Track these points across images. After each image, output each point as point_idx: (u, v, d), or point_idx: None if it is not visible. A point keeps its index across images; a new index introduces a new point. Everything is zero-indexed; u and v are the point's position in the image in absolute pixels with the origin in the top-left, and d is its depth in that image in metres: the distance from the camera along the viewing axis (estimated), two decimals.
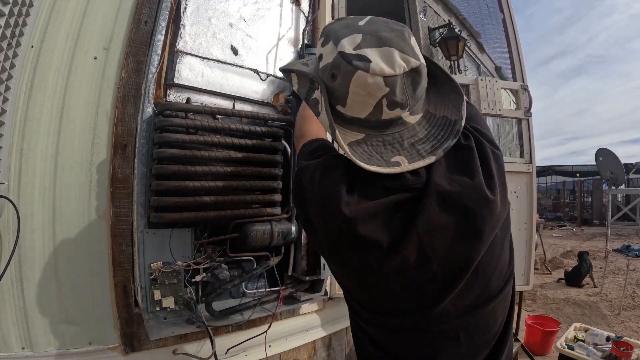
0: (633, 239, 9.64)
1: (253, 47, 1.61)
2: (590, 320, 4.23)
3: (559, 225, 14.15)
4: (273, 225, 1.48)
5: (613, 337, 2.90)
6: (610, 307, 4.69)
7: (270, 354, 1.66)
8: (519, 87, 2.70)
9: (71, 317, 1.22)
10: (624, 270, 5.40)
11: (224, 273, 1.37)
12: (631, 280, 5.55)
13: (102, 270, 1.27)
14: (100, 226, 1.27)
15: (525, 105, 2.65)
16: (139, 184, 1.29)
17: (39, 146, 1.18)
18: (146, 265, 1.28)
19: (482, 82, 2.48)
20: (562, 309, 4.67)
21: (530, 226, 2.72)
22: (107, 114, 1.29)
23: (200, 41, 1.44)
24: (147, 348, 1.32)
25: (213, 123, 1.35)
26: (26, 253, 1.15)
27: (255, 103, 1.62)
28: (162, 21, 1.33)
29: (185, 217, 1.29)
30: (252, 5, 1.61)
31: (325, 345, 2.02)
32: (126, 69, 1.30)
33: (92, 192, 1.26)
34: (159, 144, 1.27)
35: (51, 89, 1.20)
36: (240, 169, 1.42)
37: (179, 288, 1.32)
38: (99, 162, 1.27)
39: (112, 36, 1.30)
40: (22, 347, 1.14)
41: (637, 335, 3.78)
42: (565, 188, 18.40)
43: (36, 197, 1.18)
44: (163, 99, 1.36)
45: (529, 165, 2.72)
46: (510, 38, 2.95)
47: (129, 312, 1.29)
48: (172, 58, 1.37)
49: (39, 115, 1.18)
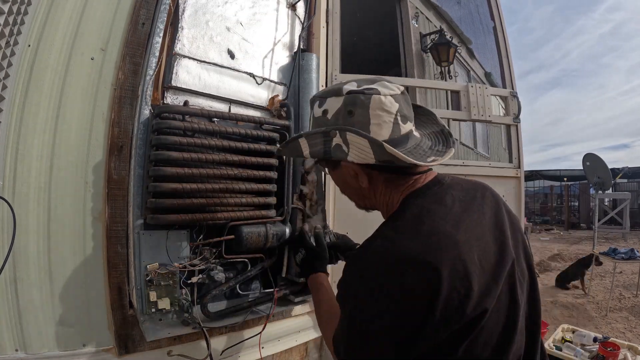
0: (619, 242, 9.83)
1: (249, 51, 1.62)
2: (577, 321, 4.30)
3: (547, 228, 14.36)
4: (268, 227, 1.49)
5: (600, 338, 2.96)
6: (597, 309, 4.77)
7: (263, 355, 1.67)
8: (508, 93, 2.75)
9: (65, 319, 1.21)
10: (610, 273, 5.51)
11: (219, 275, 1.38)
12: (618, 283, 5.66)
13: (96, 271, 1.27)
14: (95, 227, 1.27)
15: (515, 112, 2.70)
16: (136, 186, 1.29)
17: (35, 146, 1.17)
18: (142, 267, 1.28)
19: (473, 89, 2.53)
20: (550, 311, 4.74)
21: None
22: (103, 114, 1.29)
23: (198, 44, 1.45)
24: (142, 350, 1.32)
25: (210, 126, 1.36)
26: (20, 254, 1.14)
27: (251, 106, 1.63)
28: (160, 23, 1.34)
29: (182, 218, 1.30)
30: (248, 10, 1.63)
31: (317, 347, 2.03)
32: (123, 70, 1.30)
33: (88, 193, 1.26)
34: (157, 146, 1.27)
35: (47, 89, 1.19)
36: (236, 172, 1.43)
37: (175, 289, 1.32)
38: (94, 163, 1.27)
39: (110, 37, 1.30)
40: (15, 349, 1.13)
41: (624, 336, 3.86)
42: (553, 192, 18.68)
43: (31, 197, 1.17)
44: (160, 101, 1.37)
45: (517, 170, 2.77)
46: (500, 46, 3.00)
47: (123, 314, 1.29)
48: (169, 61, 1.37)
49: (35, 114, 1.17)
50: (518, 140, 2.77)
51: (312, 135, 0.90)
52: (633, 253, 4.75)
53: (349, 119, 0.84)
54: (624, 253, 4.79)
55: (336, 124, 0.86)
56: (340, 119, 0.85)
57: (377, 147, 0.80)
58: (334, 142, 0.86)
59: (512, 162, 2.78)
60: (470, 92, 2.51)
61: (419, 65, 3.96)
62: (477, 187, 0.94)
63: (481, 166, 2.77)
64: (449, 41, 4.15)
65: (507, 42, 2.99)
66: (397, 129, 0.84)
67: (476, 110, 2.50)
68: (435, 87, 3.53)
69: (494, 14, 3.05)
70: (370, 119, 0.82)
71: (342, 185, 1.01)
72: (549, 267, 7.25)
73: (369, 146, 0.81)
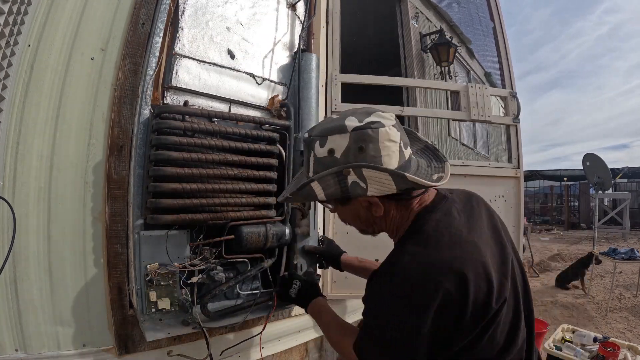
0: (619, 242, 9.82)
1: (249, 51, 1.62)
2: (577, 321, 4.30)
3: (547, 228, 14.35)
4: (267, 227, 1.49)
5: (600, 338, 2.95)
6: (597, 309, 4.77)
7: (263, 355, 1.67)
8: (507, 94, 2.76)
9: (65, 319, 1.22)
10: (610, 273, 5.51)
11: (219, 274, 1.38)
12: (618, 283, 5.66)
13: (96, 271, 1.27)
14: (95, 227, 1.27)
15: (514, 112, 2.71)
16: (136, 186, 1.29)
17: (35, 146, 1.18)
18: (142, 267, 1.28)
19: (472, 89, 2.54)
20: (550, 311, 4.74)
21: (518, 229, 2.77)
22: (103, 114, 1.29)
23: (198, 44, 1.45)
24: (142, 350, 1.32)
25: (210, 126, 1.36)
26: (20, 254, 1.15)
27: (251, 106, 1.63)
28: (160, 23, 1.34)
29: (182, 218, 1.30)
30: (248, 10, 1.63)
31: (317, 347, 2.03)
32: (123, 70, 1.30)
33: (88, 193, 1.26)
34: (157, 146, 1.27)
35: (47, 89, 1.20)
36: (236, 172, 1.43)
37: (175, 289, 1.32)
38: (94, 163, 1.27)
39: (110, 37, 1.31)
40: (15, 349, 1.14)
41: (624, 336, 3.86)
42: (553, 192, 18.67)
43: (31, 198, 1.17)
44: (160, 101, 1.37)
45: (517, 170, 2.78)
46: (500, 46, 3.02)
47: (123, 314, 1.29)
48: (169, 61, 1.37)
49: (35, 114, 1.18)
50: (517, 141, 2.78)
51: (325, 178, 0.89)
52: (633, 253, 4.75)
53: (360, 155, 0.86)
54: (624, 253, 4.79)
55: (347, 161, 0.87)
56: (351, 156, 0.86)
57: (398, 178, 0.85)
58: (350, 180, 0.87)
59: (512, 162, 2.78)
60: (470, 92, 2.52)
61: (419, 65, 3.95)
62: (470, 197, 1.04)
63: (480, 166, 2.77)
64: (449, 41, 4.15)
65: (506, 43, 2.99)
66: (402, 155, 0.89)
67: (476, 110, 2.51)
68: (435, 88, 3.54)
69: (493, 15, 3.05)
70: (381, 151, 0.86)
71: (351, 218, 1.03)
72: (549, 267, 7.24)
73: (390, 178, 0.85)
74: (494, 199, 2.65)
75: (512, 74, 2.91)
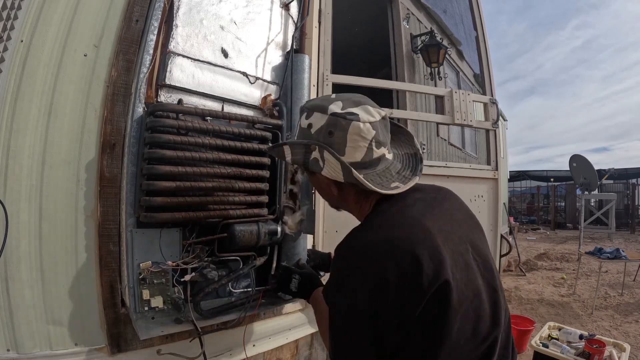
0: (605, 242, 10.00)
1: (243, 50, 1.62)
2: (563, 319, 4.37)
3: (533, 228, 14.55)
4: (260, 225, 1.50)
5: (586, 335, 3.01)
6: (583, 307, 4.86)
7: (254, 352, 1.67)
8: (488, 100, 2.92)
9: (57, 318, 1.21)
10: (596, 272, 5.61)
11: (212, 273, 1.38)
12: (603, 282, 5.77)
13: (89, 270, 1.26)
14: (87, 225, 1.26)
15: (494, 117, 2.86)
16: (129, 184, 1.28)
17: (26, 143, 1.17)
18: (135, 265, 1.27)
19: (456, 95, 2.67)
20: (536, 309, 4.81)
21: (496, 227, 2.97)
22: (96, 112, 1.28)
23: (192, 42, 1.44)
24: (134, 348, 1.31)
25: (204, 125, 1.36)
26: (12, 252, 1.13)
27: (244, 105, 1.63)
28: (154, 21, 1.33)
29: (175, 217, 1.30)
30: (242, 9, 1.63)
31: (308, 344, 2.04)
32: (116, 68, 1.30)
33: (80, 191, 1.26)
34: (150, 144, 1.27)
35: (40, 85, 1.19)
36: (229, 171, 1.43)
37: (168, 288, 1.32)
38: (87, 160, 1.27)
39: (103, 34, 1.30)
40: (7, 349, 1.12)
41: (610, 333, 3.93)
42: (539, 192, 18.93)
43: (23, 195, 1.16)
44: (154, 99, 1.36)
45: (495, 172, 2.99)
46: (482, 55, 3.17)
47: (115, 312, 1.28)
48: (164, 58, 1.37)
49: (26, 111, 1.17)
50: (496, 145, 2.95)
51: (296, 145, 1.00)
52: (618, 253, 4.83)
53: (329, 138, 0.93)
54: (610, 253, 4.87)
55: (317, 139, 0.95)
56: (321, 136, 0.94)
57: (346, 171, 0.91)
58: (313, 155, 0.96)
59: (490, 165, 2.99)
60: (454, 97, 2.65)
61: (409, 66, 3.98)
62: (439, 191, 1.07)
63: (462, 168, 2.91)
64: (439, 43, 4.18)
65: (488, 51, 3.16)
66: (370, 153, 0.94)
67: (459, 114, 2.65)
68: (420, 92, 3.65)
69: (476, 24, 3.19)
70: (347, 142, 0.92)
71: (318, 189, 1.12)
72: (535, 266, 7.34)
73: (340, 168, 0.92)
74: (474, 198, 2.82)
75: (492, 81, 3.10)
